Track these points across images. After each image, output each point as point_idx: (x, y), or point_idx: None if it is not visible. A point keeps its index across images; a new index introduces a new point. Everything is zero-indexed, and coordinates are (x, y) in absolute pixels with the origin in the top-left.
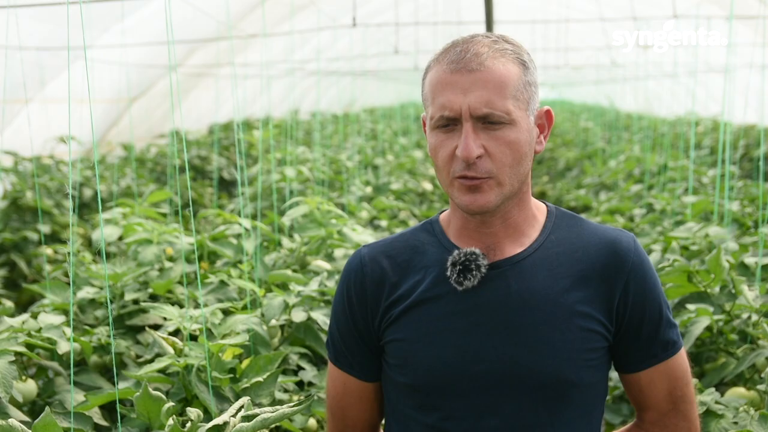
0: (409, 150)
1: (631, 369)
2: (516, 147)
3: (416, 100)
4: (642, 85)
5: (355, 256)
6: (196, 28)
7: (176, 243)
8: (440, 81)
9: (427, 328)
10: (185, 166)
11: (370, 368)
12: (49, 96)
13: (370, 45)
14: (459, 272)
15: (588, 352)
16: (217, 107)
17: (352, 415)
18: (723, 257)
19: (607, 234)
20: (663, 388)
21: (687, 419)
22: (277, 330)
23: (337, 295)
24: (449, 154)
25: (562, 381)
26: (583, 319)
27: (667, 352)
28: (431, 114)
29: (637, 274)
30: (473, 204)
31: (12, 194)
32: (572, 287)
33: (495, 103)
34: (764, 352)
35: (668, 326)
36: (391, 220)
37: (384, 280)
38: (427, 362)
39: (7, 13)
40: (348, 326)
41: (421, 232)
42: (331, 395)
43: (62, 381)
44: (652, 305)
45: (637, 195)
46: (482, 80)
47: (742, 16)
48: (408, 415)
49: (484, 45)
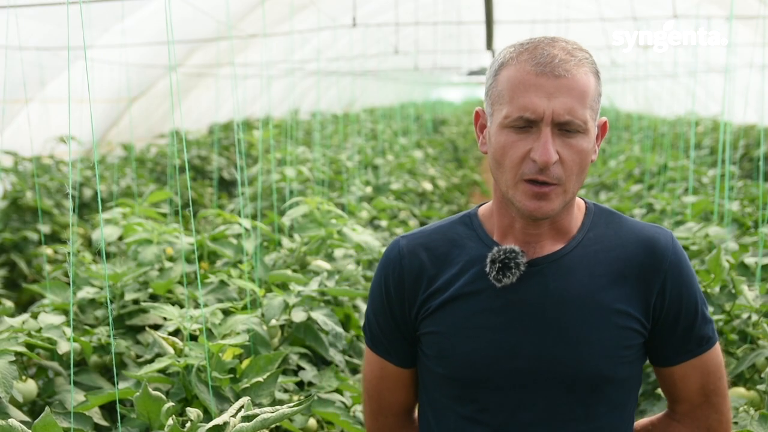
0: (409, 150)
1: (665, 363)
2: (585, 156)
3: (416, 100)
4: (642, 85)
5: (393, 246)
6: (196, 28)
7: (176, 243)
8: (523, 81)
9: (465, 322)
10: (185, 166)
11: (406, 355)
12: (49, 96)
13: (370, 45)
14: (498, 269)
15: (624, 349)
16: (217, 107)
17: (388, 397)
18: (723, 257)
19: (645, 232)
20: (696, 381)
21: (719, 411)
22: (277, 330)
23: (375, 284)
24: (521, 155)
25: (598, 377)
26: (620, 317)
27: (701, 347)
28: (507, 113)
29: (674, 272)
30: (538, 211)
31: (12, 194)
32: (610, 285)
33: (576, 111)
34: (764, 352)
35: (704, 322)
36: (391, 220)
37: (422, 272)
38: (464, 356)
39: (7, 13)
40: (385, 315)
41: (459, 225)
42: (367, 378)
43: (62, 381)
44: (689, 302)
45: (637, 195)
46: (567, 87)
47: (742, 16)
48: (444, 404)
49: (567, 51)
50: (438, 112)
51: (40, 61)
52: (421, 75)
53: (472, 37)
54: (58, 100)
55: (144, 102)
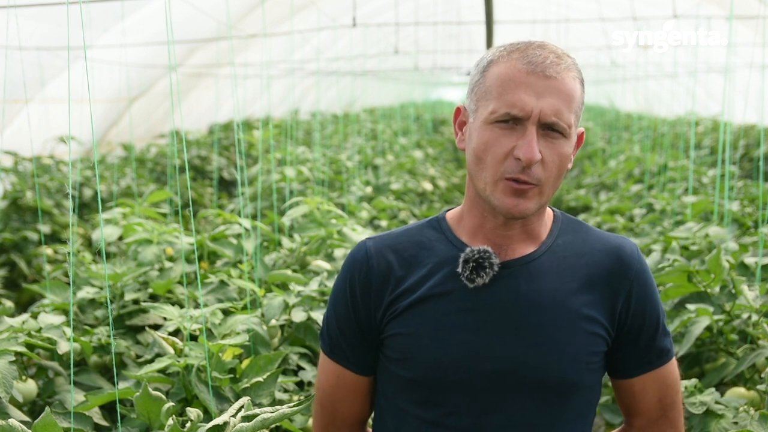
0: (409, 150)
1: (625, 375)
2: (564, 160)
3: (416, 100)
4: (642, 85)
5: (360, 248)
6: (196, 28)
7: (176, 243)
8: (513, 78)
9: (435, 323)
10: (185, 166)
11: (366, 362)
12: (49, 96)
13: (370, 45)
14: (471, 269)
15: (591, 355)
16: (217, 107)
17: (342, 408)
18: (723, 257)
19: (611, 240)
20: (654, 394)
21: (674, 427)
22: (277, 330)
23: (338, 287)
24: (504, 152)
25: (566, 382)
26: (588, 323)
27: (661, 359)
28: (494, 108)
29: (640, 281)
30: (515, 208)
31: (12, 194)
32: (579, 290)
33: (563, 114)
34: (764, 352)
35: (664, 334)
36: (391, 220)
37: (390, 273)
38: (433, 357)
39: (7, 13)
40: (348, 319)
41: (428, 229)
42: (322, 387)
43: (62, 381)
44: (652, 313)
45: (637, 195)
46: (557, 89)
47: (742, 16)
48: (406, 410)
49: (557, 55)
50: (438, 112)
51: (40, 61)
52: (421, 75)
53: (472, 37)
54: (58, 100)
55: (144, 102)
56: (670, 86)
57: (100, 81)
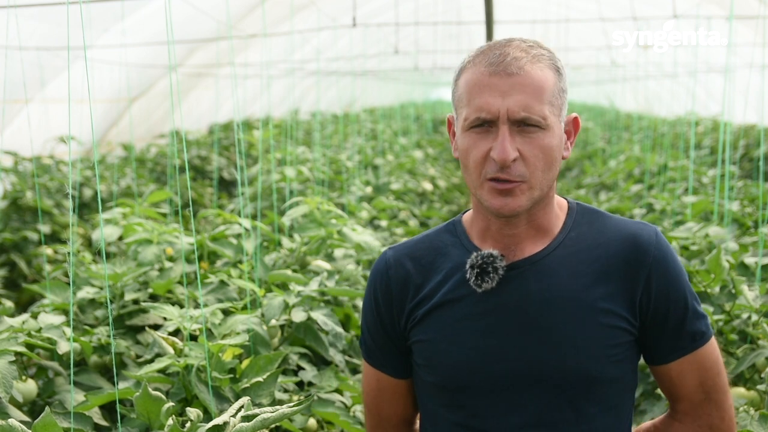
0: (409, 150)
1: (659, 361)
2: (548, 152)
3: (416, 100)
4: (642, 85)
5: (381, 258)
6: (196, 28)
7: (176, 243)
8: (478, 83)
9: (450, 329)
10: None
11: (401, 366)
12: (49, 96)
13: (370, 45)
14: (477, 275)
15: (611, 347)
16: (217, 107)
17: (386, 410)
18: (723, 257)
19: (628, 228)
20: (694, 378)
21: (720, 409)
22: (277, 330)
23: (366, 297)
24: (482, 155)
25: (585, 377)
26: (605, 316)
27: (695, 343)
28: (466, 115)
29: (659, 267)
30: (504, 208)
31: (12, 194)
32: (593, 284)
33: (533, 107)
34: (764, 352)
35: (695, 317)
36: (391, 220)
37: (408, 282)
38: (450, 363)
39: (7, 13)
40: (377, 327)
41: (444, 233)
42: (365, 391)
43: (62, 381)
44: (677, 297)
45: (637, 195)
46: (521, 84)
47: (742, 16)
48: (436, 412)
49: (521, 49)
50: (438, 112)
51: (40, 61)
52: (421, 75)
53: (472, 37)
54: (58, 100)
55: (144, 102)
56: (670, 86)
57: (100, 81)
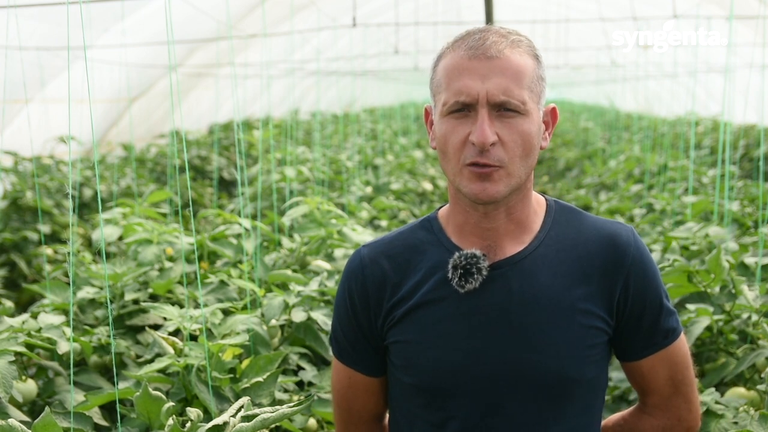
0: (409, 150)
1: (633, 357)
2: (527, 138)
3: (416, 100)
4: (642, 85)
5: (355, 256)
6: (196, 28)
7: (176, 243)
8: (457, 66)
9: (430, 330)
10: (185, 166)
11: (375, 365)
12: (49, 96)
13: (370, 45)
14: (461, 275)
15: (589, 348)
16: (217, 107)
17: (357, 406)
18: (723, 257)
19: (606, 228)
20: (664, 373)
21: (688, 401)
22: (277, 330)
23: (339, 296)
24: (461, 140)
25: (566, 379)
26: (584, 316)
27: (667, 339)
28: (445, 100)
29: (637, 268)
30: (483, 193)
31: (12, 194)
32: (573, 284)
33: (512, 91)
34: (764, 352)
35: (668, 314)
36: (391, 220)
37: (385, 281)
38: (431, 364)
39: (7, 13)
40: (351, 326)
41: (419, 230)
42: (336, 388)
43: (62, 381)
44: (653, 297)
45: (637, 195)
46: (501, 68)
47: (742, 16)
48: (414, 413)
49: (501, 35)
50: None
51: (40, 61)
52: (421, 75)
53: None
54: (58, 100)
55: (144, 102)
56: (670, 86)
57: (100, 81)
